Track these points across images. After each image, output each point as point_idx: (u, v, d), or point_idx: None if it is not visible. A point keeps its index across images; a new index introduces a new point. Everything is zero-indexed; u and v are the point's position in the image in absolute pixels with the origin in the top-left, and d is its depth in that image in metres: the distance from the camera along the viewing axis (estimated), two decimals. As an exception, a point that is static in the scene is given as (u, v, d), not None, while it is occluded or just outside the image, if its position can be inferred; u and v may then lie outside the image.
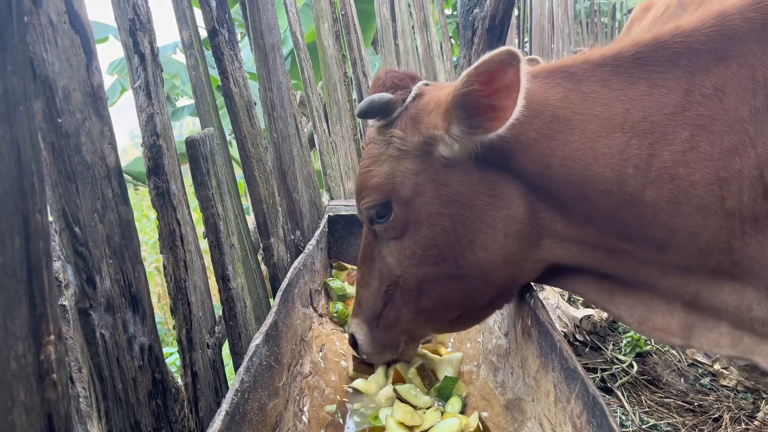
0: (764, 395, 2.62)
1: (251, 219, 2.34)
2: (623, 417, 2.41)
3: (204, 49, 2.20)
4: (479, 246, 1.39)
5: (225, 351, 1.70)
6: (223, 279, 1.60)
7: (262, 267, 2.22)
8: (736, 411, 2.48)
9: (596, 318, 3.10)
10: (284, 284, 1.70)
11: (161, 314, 6.16)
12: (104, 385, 1.13)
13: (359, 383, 1.70)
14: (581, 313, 3.10)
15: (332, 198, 3.19)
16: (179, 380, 1.37)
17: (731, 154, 1.11)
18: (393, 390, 1.64)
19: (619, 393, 2.59)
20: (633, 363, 2.83)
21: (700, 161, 1.14)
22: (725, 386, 2.71)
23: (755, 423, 2.41)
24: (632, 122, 1.19)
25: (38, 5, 0.98)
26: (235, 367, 1.64)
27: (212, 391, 1.49)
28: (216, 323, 1.63)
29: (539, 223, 1.36)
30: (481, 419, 1.47)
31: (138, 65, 1.27)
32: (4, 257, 0.65)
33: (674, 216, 1.18)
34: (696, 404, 2.55)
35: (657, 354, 3.00)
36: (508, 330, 1.76)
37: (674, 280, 1.27)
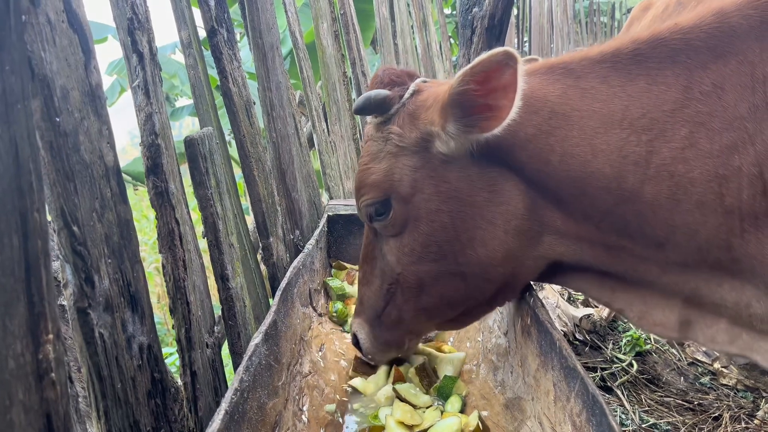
0: (764, 394, 2.62)
1: (251, 219, 2.34)
2: (623, 416, 2.41)
3: (203, 49, 2.20)
4: (479, 242, 1.38)
5: (225, 351, 1.70)
6: (222, 278, 1.60)
7: (262, 266, 2.22)
8: (736, 410, 2.48)
9: (596, 317, 3.10)
10: (283, 284, 1.70)
11: (161, 315, 6.15)
12: (103, 385, 1.13)
13: (358, 382, 1.70)
14: (581, 312, 3.10)
15: (331, 197, 3.19)
16: (178, 380, 1.37)
17: (730, 152, 1.11)
18: (393, 389, 1.64)
19: (619, 392, 2.58)
20: (633, 362, 2.83)
21: (699, 158, 1.13)
22: (725, 385, 2.71)
23: (755, 422, 2.41)
24: (631, 119, 1.19)
25: (36, 4, 0.98)
26: (235, 367, 1.64)
27: (211, 391, 1.49)
28: (215, 323, 1.63)
29: (539, 220, 1.36)
30: (481, 418, 1.47)
31: (136, 64, 1.27)
32: (2, 256, 0.64)
33: (673, 213, 1.17)
34: (696, 403, 2.54)
35: (657, 353, 2.99)
36: (508, 329, 1.76)
37: (674, 277, 1.27)
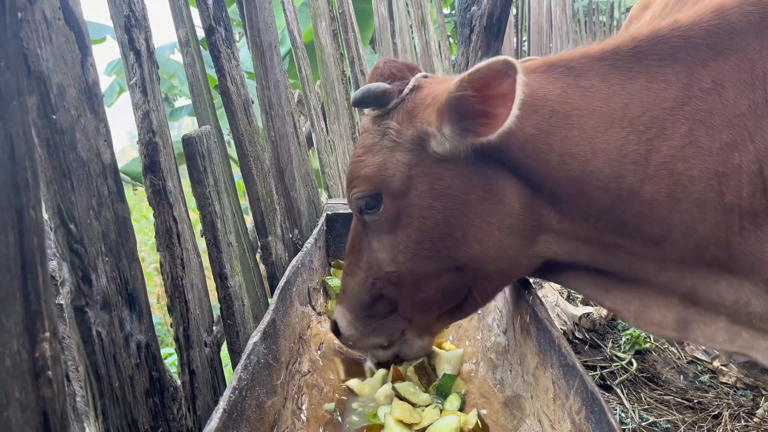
0: (764, 392, 2.62)
1: (250, 218, 2.34)
2: (623, 414, 2.41)
3: (201, 48, 2.20)
4: (473, 240, 1.38)
5: (225, 351, 1.70)
6: (221, 277, 1.59)
7: (261, 265, 2.22)
8: (736, 408, 2.48)
9: (595, 315, 3.10)
10: (282, 282, 1.70)
11: (160, 315, 6.15)
12: (101, 384, 1.13)
13: (354, 383, 1.69)
14: (580, 311, 3.10)
15: (330, 196, 3.18)
16: (177, 379, 1.37)
17: (730, 149, 1.11)
18: (392, 388, 1.64)
19: (619, 390, 2.58)
20: (632, 360, 2.83)
21: (699, 156, 1.13)
22: (725, 383, 2.71)
23: (755, 420, 2.41)
24: (631, 117, 1.19)
25: (32, 1, 0.98)
26: (234, 366, 1.64)
27: (210, 390, 1.48)
28: (214, 322, 1.62)
29: (534, 219, 1.35)
30: (480, 416, 1.47)
31: (134, 62, 1.26)
32: (-2, 253, 0.64)
33: (672, 211, 1.17)
34: (695, 401, 2.54)
35: (656, 351, 2.99)
36: (507, 327, 1.76)
37: (671, 275, 1.27)
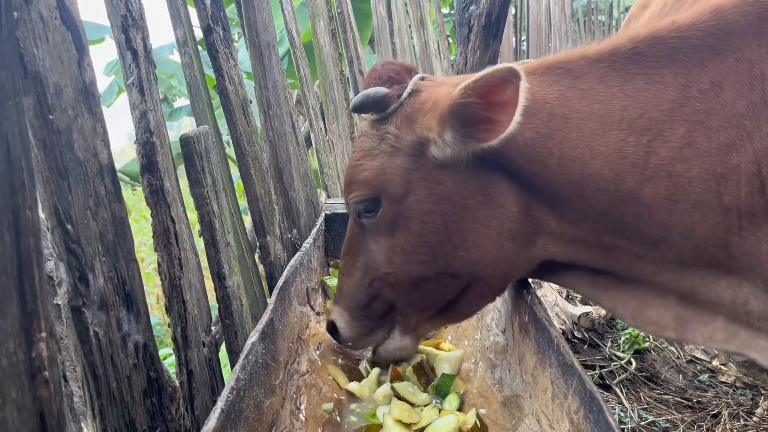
0: (763, 391, 2.62)
1: (248, 218, 2.33)
2: (622, 414, 2.41)
3: (199, 48, 2.20)
4: (471, 244, 1.38)
5: (224, 352, 1.70)
6: (219, 277, 1.59)
7: (259, 265, 2.22)
8: (735, 407, 2.48)
9: (594, 315, 3.10)
10: (280, 282, 1.70)
11: (160, 315, 6.14)
12: (98, 384, 1.12)
13: (353, 386, 1.69)
14: (579, 310, 3.10)
15: (329, 196, 3.18)
16: (175, 380, 1.37)
17: (728, 150, 1.11)
18: (390, 387, 1.64)
19: (618, 390, 2.58)
20: (631, 360, 2.83)
21: (698, 157, 1.13)
22: (724, 382, 2.71)
23: (754, 419, 2.41)
24: (629, 119, 1.18)
25: (28, 1, 0.98)
26: (232, 366, 1.64)
27: (208, 390, 1.48)
28: (213, 322, 1.62)
29: (533, 222, 1.35)
30: (479, 416, 1.47)
31: (131, 62, 1.26)
32: (-6, 254, 0.64)
33: (671, 213, 1.17)
34: (695, 401, 2.54)
35: (655, 351, 2.99)
36: (506, 327, 1.76)
37: (669, 276, 1.27)
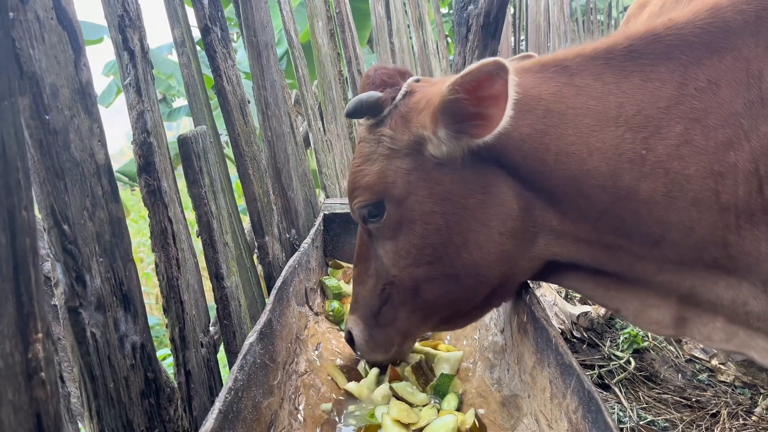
0: (762, 390, 2.62)
1: (247, 218, 2.33)
2: (621, 413, 2.41)
3: (197, 48, 2.19)
4: (473, 244, 1.37)
5: (223, 352, 1.69)
6: (217, 278, 1.59)
7: (258, 266, 2.21)
8: (734, 406, 2.48)
9: (593, 315, 3.10)
10: (278, 282, 1.70)
11: (159, 316, 6.13)
12: (95, 384, 1.12)
13: (352, 386, 1.69)
14: (578, 310, 3.10)
15: (328, 196, 3.18)
16: (174, 381, 1.36)
17: (726, 148, 1.10)
18: (389, 387, 1.64)
19: (617, 389, 2.58)
20: (630, 359, 2.83)
21: (695, 155, 1.13)
22: (723, 382, 2.71)
23: (753, 418, 2.41)
24: (626, 116, 1.18)
25: (24, 1, 0.97)
26: (231, 367, 1.64)
27: (206, 390, 1.48)
28: (211, 323, 1.62)
29: (534, 220, 1.35)
30: (478, 416, 1.47)
31: (128, 62, 1.26)
32: (-10, 254, 0.64)
33: (669, 210, 1.17)
34: (694, 400, 2.54)
35: (654, 350, 2.99)
36: (504, 327, 1.76)
37: (670, 276, 1.27)
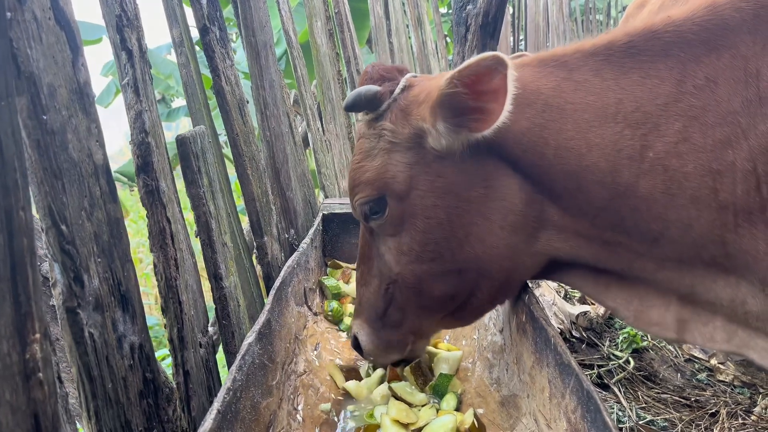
0: (761, 390, 2.62)
1: (246, 219, 2.33)
2: (620, 413, 2.41)
3: (196, 48, 2.19)
4: (476, 239, 1.36)
5: (223, 353, 1.69)
6: (216, 278, 1.59)
7: (257, 266, 2.21)
8: (733, 406, 2.48)
9: (592, 314, 3.10)
10: (277, 282, 1.69)
11: (158, 316, 6.13)
12: (93, 385, 1.12)
13: (351, 386, 1.68)
14: (577, 310, 3.10)
15: (327, 196, 3.18)
16: (172, 381, 1.36)
17: (724, 146, 1.10)
18: (388, 387, 1.64)
19: (616, 389, 2.58)
20: (629, 359, 2.83)
21: (693, 153, 1.13)
22: (722, 381, 2.71)
23: (752, 418, 2.40)
24: (625, 112, 1.18)
25: (22, 1, 0.97)
26: (229, 367, 1.63)
27: (205, 391, 1.48)
28: (210, 323, 1.62)
29: (536, 215, 1.34)
30: (477, 416, 1.47)
31: (126, 62, 1.26)
32: (-14, 254, 0.64)
33: (668, 208, 1.17)
34: (693, 399, 2.54)
35: (653, 350, 2.99)
36: (503, 327, 1.76)
37: (669, 274, 1.27)
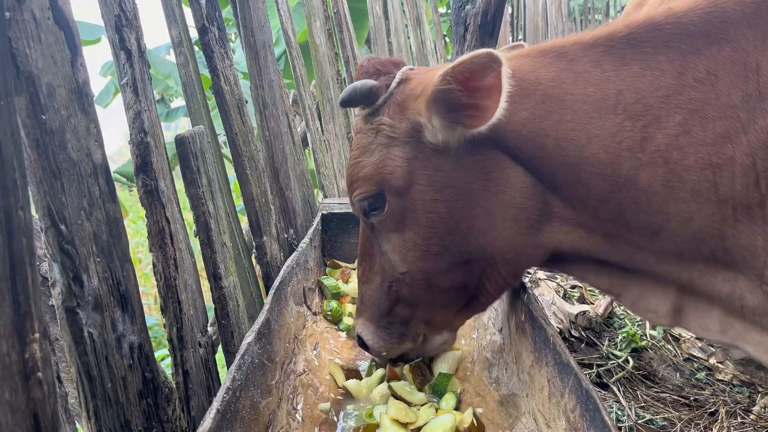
0: (760, 389, 2.62)
1: (245, 218, 2.32)
2: (619, 412, 2.41)
3: (195, 48, 2.19)
4: (479, 232, 1.36)
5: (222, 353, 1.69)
6: (215, 277, 1.59)
7: (256, 266, 2.21)
8: (732, 405, 2.48)
9: (592, 314, 3.10)
10: (276, 282, 1.70)
11: (158, 316, 6.13)
12: (93, 385, 1.12)
13: (351, 384, 1.69)
14: (576, 309, 3.10)
15: (326, 196, 3.18)
16: (172, 381, 1.36)
17: (724, 140, 1.10)
18: (387, 387, 1.64)
19: (615, 388, 2.58)
20: (629, 358, 2.83)
21: (693, 146, 1.12)
22: (721, 380, 2.71)
23: (751, 417, 2.41)
24: (625, 104, 1.18)
25: (21, 1, 0.97)
26: (229, 366, 1.63)
27: (204, 390, 1.48)
28: (209, 323, 1.62)
29: (537, 207, 1.33)
30: (476, 415, 1.47)
31: (124, 62, 1.26)
32: (-15, 254, 0.64)
33: (668, 200, 1.16)
34: (692, 399, 2.54)
35: (652, 349, 2.99)
36: (502, 326, 1.76)
37: (669, 267, 1.26)
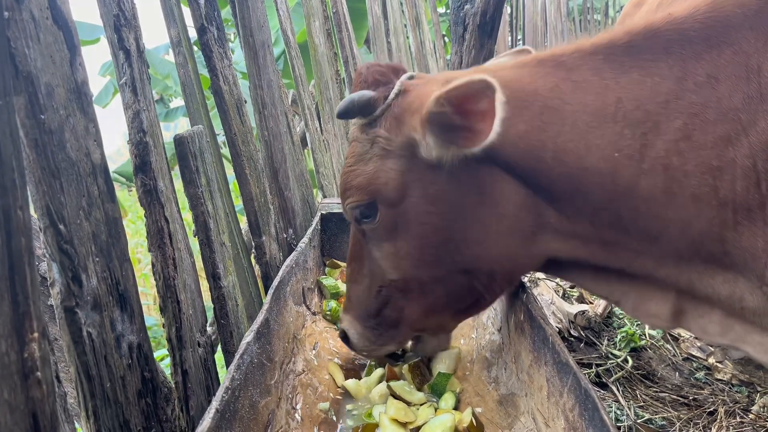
0: (759, 389, 2.62)
1: (244, 218, 2.33)
2: (618, 412, 2.41)
3: (194, 48, 2.19)
4: (473, 243, 1.35)
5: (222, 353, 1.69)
6: (214, 277, 1.59)
7: (255, 266, 2.21)
8: (731, 404, 2.48)
9: (591, 313, 3.10)
10: (275, 282, 1.70)
11: (157, 316, 6.13)
12: (92, 384, 1.12)
13: (350, 384, 1.69)
14: (576, 309, 3.10)
15: (325, 196, 3.18)
16: (171, 380, 1.36)
17: (724, 143, 1.10)
18: (387, 386, 1.64)
19: (614, 388, 2.58)
20: (628, 358, 2.83)
21: (694, 150, 1.12)
22: (720, 380, 2.71)
23: (750, 416, 2.41)
24: (625, 111, 1.17)
25: (20, 1, 0.97)
26: (228, 366, 1.63)
27: (203, 390, 1.48)
28: (208, 323, 1.62)
29: (532, 219, 1.33)
30: (475, 415, 1.47)
31: (123, 61, 1.26)
32: (-16, 254, 0.64)
33: (668, 207, 1.16)
34: (691, 398, 2.54)
35: (652, 349, 2.99)
36: (502, 326, 1.76)
37: (668, 271, 1.26)
